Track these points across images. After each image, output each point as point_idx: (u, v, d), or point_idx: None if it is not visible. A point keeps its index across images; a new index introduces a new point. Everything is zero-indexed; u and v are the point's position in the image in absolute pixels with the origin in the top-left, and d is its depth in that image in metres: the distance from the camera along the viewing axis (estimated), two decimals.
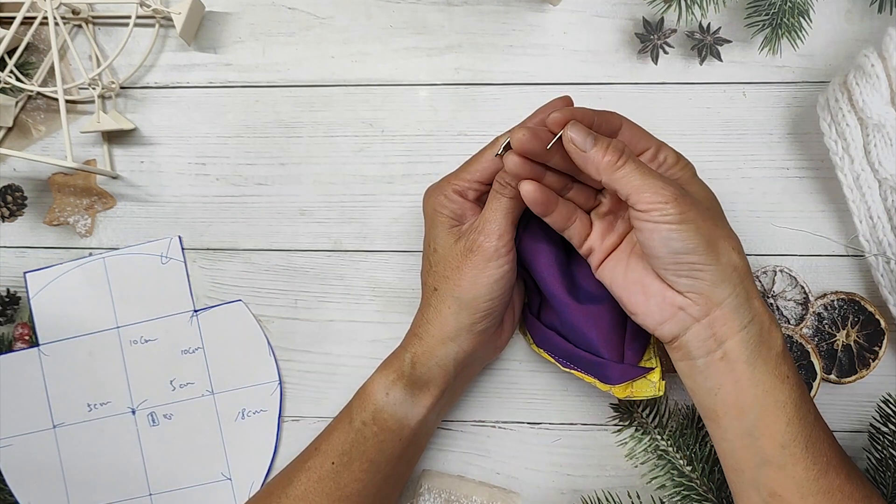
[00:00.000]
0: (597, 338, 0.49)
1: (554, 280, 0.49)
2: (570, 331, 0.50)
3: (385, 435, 0.48)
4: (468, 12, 0.58)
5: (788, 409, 0.43)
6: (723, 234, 0.42)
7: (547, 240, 0.49)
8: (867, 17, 0.56)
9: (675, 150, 0.46)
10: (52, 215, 0.60)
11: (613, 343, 0.49)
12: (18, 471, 0.59)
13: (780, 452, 0.43)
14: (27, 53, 0.60)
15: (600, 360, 0.49)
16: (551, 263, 0.49)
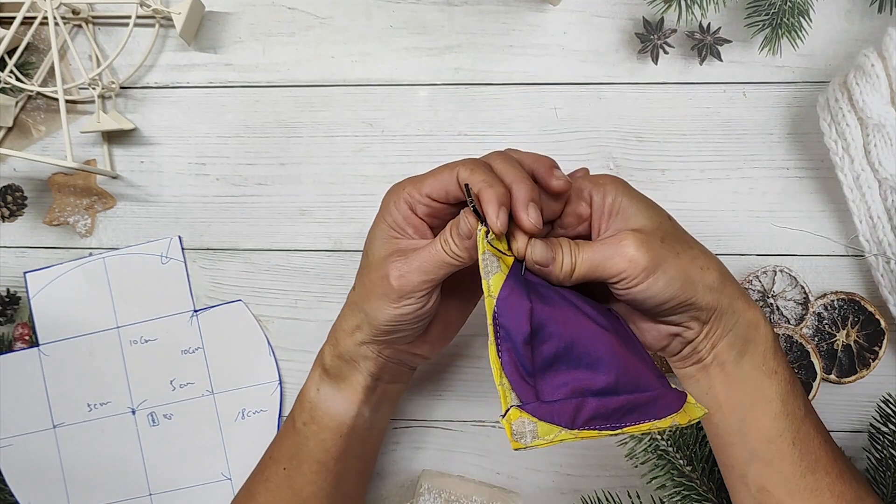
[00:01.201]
0: (639, 367, 0.42)
1: (579, 315, 0.42)
2: (610, 369, 0.41)
3: (325, 433, 0.48)
4: (468, 12, 0.58)
5: (775, 404, 0.43)
6: (687, 261, 0.41)
7: (552, 292, 0.42)
8: (867, 17, 0.56)
9: (595, 179, 0.43)
10: (52, 215, 0.60)
11: (651, 369, 0.42)
12: (18, 471, 0.59)
13: (766, 447, 0.43)
14: (27, 53, 0.60)
15: (654, 393, 0.41)
16: (567, 303, 0.42)
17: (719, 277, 0.42)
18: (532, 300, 0.40)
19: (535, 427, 0.39)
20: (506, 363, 0.40)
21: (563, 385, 0.40)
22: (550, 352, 0.40)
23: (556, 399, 0.40)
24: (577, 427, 0.40)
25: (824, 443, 0.44)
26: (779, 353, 0.44)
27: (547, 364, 0.41)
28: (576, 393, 0.40)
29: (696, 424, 0.53)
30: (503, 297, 0.40)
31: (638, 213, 0.42)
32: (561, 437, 0.39)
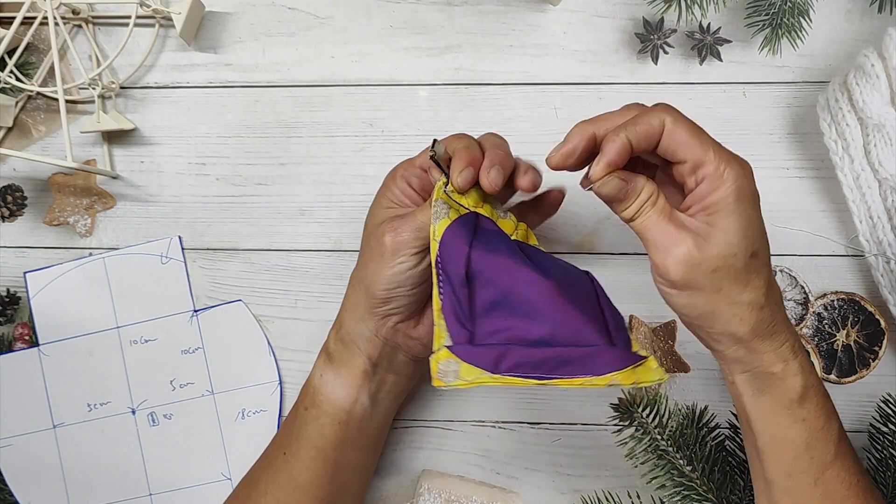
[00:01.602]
0: (583, 322, 0.41)
1: (522, 266, 0.42)
2: (547, 320, 0.41)
3: (324, 418, 0.48)
4: (468, 12, 0.58)
5: (798, 445, 0.42)
6: (725, 301, 0.39)
7: (498, 244, 0.43)
8: (867, 17, 0.56)
9: (721, 163, 0.38)
10: (52, 215, 0.60)
11: (598, 327, 0.42)
12: (18, 471, 0.59)
13: (786, 480, 0.43)
14: (27, 53, 0.60)
15: (593, 348, 0.41)
16: (515, 254, 0.42)
17: (750, 331, 0.40)
18: (473, 246, 0.42)
19: (458, 368, 0.40)
20: (445, 304, 0.42)
21: (498, 332, 0.41)
22: (488, 298, 0.42)
23: (486, 343, 0.41)
24: (500, 372, 0.40)
25: (855, 485, 0.43)
26: (811, 402, 0.42)
27: (485, 310, 0.42)
28: (508, 340, 0.41)
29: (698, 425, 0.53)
30: (444, 241, 0.43)
31: (725, 231, 0.38)
32: (482, 379, 0.40)
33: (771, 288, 0.41)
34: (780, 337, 0.41)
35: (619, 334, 0.43)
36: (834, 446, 0.43)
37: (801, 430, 0.42)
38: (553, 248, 0.58)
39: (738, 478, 0.53)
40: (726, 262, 0.38)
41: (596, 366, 0.40)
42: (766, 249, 0.40)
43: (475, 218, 0.44)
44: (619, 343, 0.42)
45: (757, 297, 0.40)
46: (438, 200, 0.44)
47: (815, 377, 0.43)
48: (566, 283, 0.43)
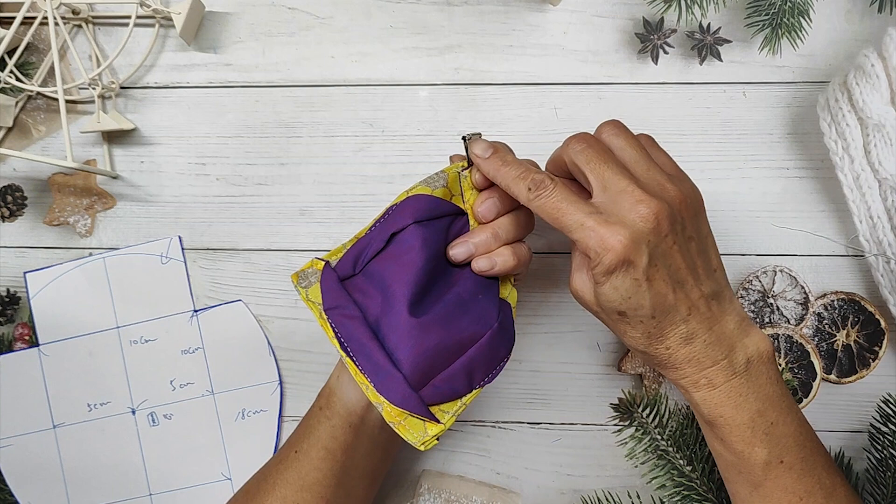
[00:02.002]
0: (410, 349, 0.42)
1: (407, 278, 0.43)
2: (385, 330, 0.43)
3: (336, 420, 0.48)
4: (468, 12, 0.58)
5: (725, 460, 0.45)
6: (619, 334, 0.44)
7: (427, 240, 0.44)
8: (867, 17, 0.56)
9: (585, 242, 0.40)
10: (52, 215, 0.60)
11: (422, 368, 0.43)
12: (18, 471, 0.59)
13: (726, 482, 0.47)
14: (27, 53, 0.60)
15: (393, 370, 0.42)
16: (416, 263, 0.44)
17: (642, 356, 0.44)
18: (413, 229, 0.44)
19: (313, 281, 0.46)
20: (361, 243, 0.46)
21: (357, 288, 0.45)
22: (376, 267, 0.45)
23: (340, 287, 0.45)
24: (328, 316, 0.44)
25: (796, 502, 0.44)
26: (723, 430, 0.43)
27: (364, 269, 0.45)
28: (351, 295, 0.44)
29: (698, 425, 0.53)
30: (411, 200, 0.45)
31: (599, 289, 0.41)
32: (310, 305, 0.45)
33: (653, 339, 0.42)
34: (676, 373, 0.43)
35: (442, 385, 0.43)
36: (761, 471, 0.43)
37: (722, 447, 0.44)
38: (553, 248, 0.58)
39: None
40: (603, 309, 0.42)
41: (380, 381, 0.42)
42: (638, 311, 0.41)
43: (450, 219, 0.46)
44: (429, 390, 0.43)
45: (635, 343, 0.43)
46: (444, 173, 0.45)
47: (729, 410, 0.43)
48: (442, 319, 0.44)
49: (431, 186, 0.45)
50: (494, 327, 0.45)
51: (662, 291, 0.40)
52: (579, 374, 0.58)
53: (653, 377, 0.56)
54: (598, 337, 0.58)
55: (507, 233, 0.46)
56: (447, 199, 0.46)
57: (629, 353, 0.55)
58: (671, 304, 0.41)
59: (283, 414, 0.59)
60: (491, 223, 0.46)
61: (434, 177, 0.46)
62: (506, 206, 0.46)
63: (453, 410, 0.44)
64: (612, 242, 0.39)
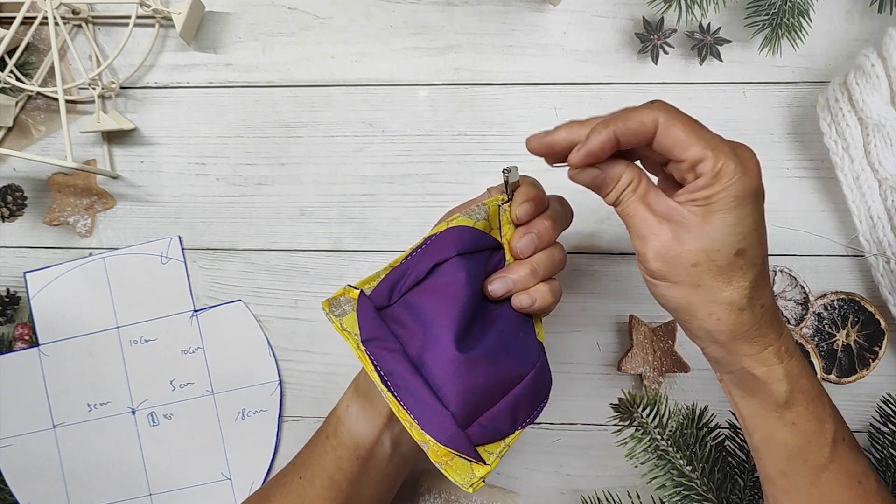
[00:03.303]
0: (457, 386, 0.40)
1: (453, 312, 0.41)
2: (429, 365, 0.41)
3: (342, 451, 0.47)
4: (468, 12, 0.58)
5: (789, 448, 0.42)
6: (701, 298, 0.38)
7: (471, 274, 0.42)
8: (867, 17, 0.56)
9: (720, 160, 0.36)
10: (52, 215, 0.60)
11: (469, 406, 0.40)
12: (18, 471, 0.59)
13: (782, 479, 0.43)
14: (27, 53, 0.60)
15: (440, 407, 0.40)
16: (462, 298, 0.41)
17: (727, 332, 0.39)
18: (456, 262, 0.42)
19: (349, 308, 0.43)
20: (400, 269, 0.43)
21: (397, 321, 0.42)
22: (414, 299, 0.42)
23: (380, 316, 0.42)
24: (365, 348, 0.41)
25: (856, 487, 0.42)
26: (799, 406, 0.41)
27: (405, 300, 0.43)
28: (396, 335, 0.42)
29: (698, 425, 0.53)
30: (451, 232, 0.43)
31: (710, 224, 0.37)
32: (349, 337, 0.42)
33: (757, 290, 0.39)
34: (763, 341, 0.40)
35: (488, 424, 0.41)
36: (829, 450, 0.42)
37: (791, 433, 0.42)
38: None
39: (738, 478, 0.53)
40: (707, 258, 0.37)
41: (424, 418, 0.40)
42: (756, 249, 0.38)
43: (491, 251, 0.44)
44: (475, 429, 0.41)
45: (737, 298, 0.38)
46: (484, 205, 0.43)
47: (805, 380, 0.41)
48: (488, 356, 0.42)
49: (473, 218, 0.43)
50: (537, 366, 0.43)
51: (766, 236, 0.38)
52: (579, 374, 0.58)
53: (653, 377, 0.56)
54: (598, 337, 0.58)
55: (543, 269, 0.44)
56: (487, 231, 0.44)
57: (629, 353, 0.55)
58: (766, 251, 0.39)
59: (283, 414, 0.59)
60: (529, 259, 0.44)
61: (475, 209, 0.43)
62: (543, 243, 0.44)
63: (497, 451, 0.42)
64: (751, 165, 0.36)
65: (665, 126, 0.37)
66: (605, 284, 0.58)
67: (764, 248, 0.39)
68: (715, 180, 0.36)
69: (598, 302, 0.57)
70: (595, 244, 0.58)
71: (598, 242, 0.58)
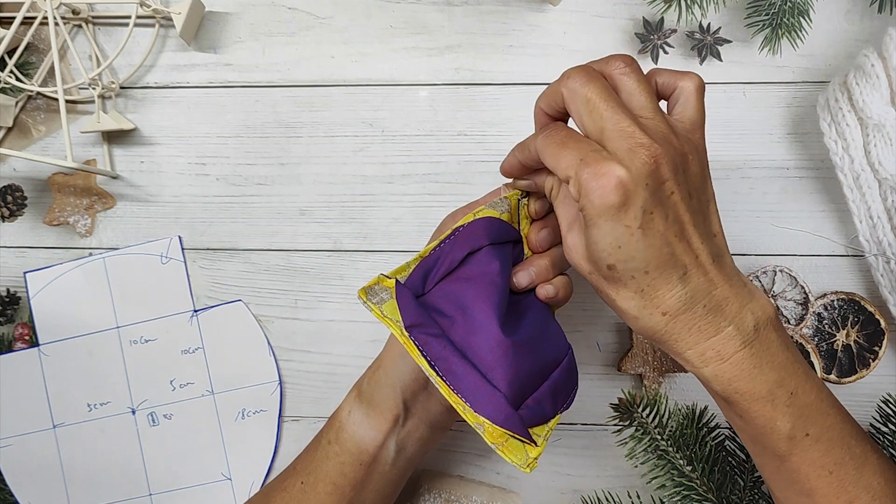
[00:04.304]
0: (507, 368, 0.40)
1: (492, 299, 0.41)
2: (476, 349, 0.41)
3: (345, 457, 0.47)
4: (468, 12, 0.58)
5: (747, 433, 0.42)
6: (610, 303, 0.40)
7: (504, 263, 0.43)
8: (867, 17, 0.56)
9: (583, 178, 0.36)
10: (52, 215, 0.60)
11: (517, 386, 0.41)
12: (18, 471, 0.59)
13: (753, 456, 0.44)
14: (27, 53, 0.60)
15: (492, 389, 0.40)
16: (498, 284, 0.42)
17: (643, 330, 0.39)
18: (487, 250, 0.43)
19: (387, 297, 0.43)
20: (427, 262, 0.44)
21: (439, 311, 0.42)
22: (451, 288, 0.43)
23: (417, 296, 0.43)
24: (409, 334, 0.41)
25: (826, 476, 0.41)
26: (739, 406, 0.40)
27: (441, 286, 0.43)
28: (438, 323, 0.42)
29: (698, 425, 0.53)
30: (479, 222, 0.44)
31: (587, 238, 0.38)
32: (392, 325, 0.41)
33: (648, 299, 0.38)
34: (678, 346, 0.39)
35: (534, 406, 0.42)
36: (785, 445, 0.40)
37: (741, 423, 0.41)
38: None
39: (738, 478, 0.53)
40: (593, 268, 0.39)
41: (478, 401, 0.40)
42: (627, 264, 0.37)
43: (512, 246, 0.45)
44: (524, 411, 0.41)
45: (627, 308, 0.38)
46: (506, 199, 0.44)
47: (741, 383, 0.39)
48: (528, 342, 0.42)
49: (498, 210, 0.44)
50: (570, 353, 0.45)
51: (657, 244, 0.36)
52: (579, 374, 0.58)
53: (653, 377, 0.56)
54: (598, 337, 0.58)
55: (560, 262, 0.46)
56: (511, 224, 0.45)
57: (629, 353, 0.55)
58: (666, 258, 0.37)
59: (283, 414, 0.59)
60: (547, 252, 0.46)
61: (498, 202, 0.44)
62: (559, 237, 0.44)
63: (544, 434, 0.42)
64: (605, 180, 0.35)
65: (540, 149, 0.40)
66: None
67: (642, 262, 0.37)
68: (579, 197, 0.37)
69: (598, 302, 0.57)
70: None
71: None
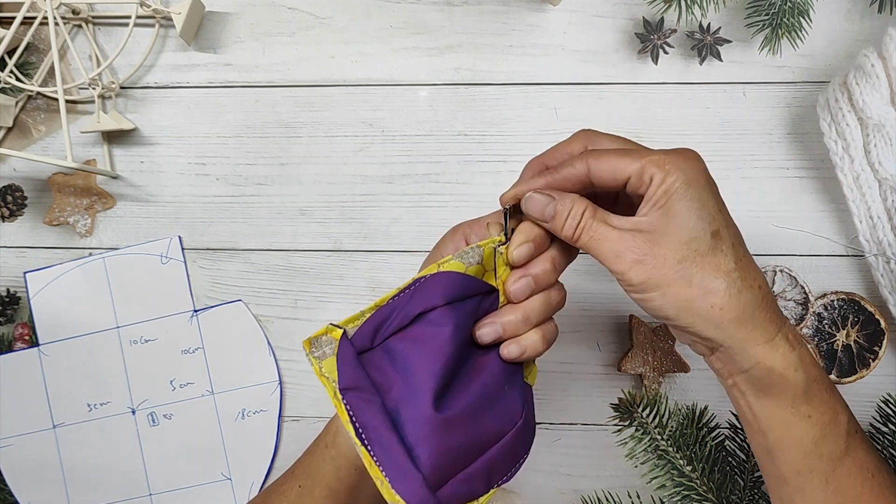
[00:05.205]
0: (432, 448, 0.39)
1: (434, 367, 0.40)
2: (405, 420, 0.39)
3: (341, 461, 0.47)
4: (468, 12, 0.58)
5: (806, 443, 0.41)
6: (698, 292, 0.38)
7: (458, 325, 0.41)
8: (867, 17, 0.56)
9: (661, 158, 0.38)
10: (52, 215, 0.60)
11: (442, 468, 0.39)
12: (18, 471, 0.59)
13: (796, 478, 0.42)
14: (27, 53, 0.60)
15: (413, 469, 0.38)
16: (445, 351, 0.40)
17: (733, 320, 0.38)
18: (444, 310, 0.40)
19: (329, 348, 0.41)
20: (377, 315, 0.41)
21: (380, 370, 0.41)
22: (396, 345, 0.41)
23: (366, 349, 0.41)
24: (342, 396, 0.40)
25: (869, 481, 0.42)
26: (815, 397, 0.40)
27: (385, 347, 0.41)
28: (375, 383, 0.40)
29: (698, 425, 0.53)
30: (439, 277, 0.41)
31: (679, 216, 0.38)
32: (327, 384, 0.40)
33: (746, 271, 0.39)
34: (771, 326, 0.39)
35: (463, 482, 0.40)
36: (844, 441, 0.41)
37: (807, 426, 0.41)
38: None
39: (738, 478, 0.53)
40: (689, 249, 0.38)
41: (396, 478, 0.39)
42: (728, 229, 0.39)
43: (479, 298, 0.42)
44: (450, 488, 0.40)
45: (731, 281, 0.38)
46: (479, 248, 0.41)
47: (817, 370, 0.41)
48: (467, 415, 0.40)
49: (465, 263, 0.41)
50: (519, 424, 0.42)
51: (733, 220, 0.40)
52: (579, 374, 0.58)
53: (653, 377, 0.56)
54: (598, 337, 0.58)
55: (537, 315, 0.42)
56: (479, 276, 0.42)
57: (629, 353, 0.55)
58: (740, 234, 0.40)
59: (283, 414, 0.59)
60: (522, 304, 0.42)
61: (469, 251, 0.41)
62: (541, 286, 0.43)
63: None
64: (691, 154, 0.39)
65: (596, 163, 0.39)
66: (605, 284, 0.58)
67: (736, 229, 0.40)
68: (665, 175, 0.38)
69: (598, 302, 0.57)
70: None
71: None
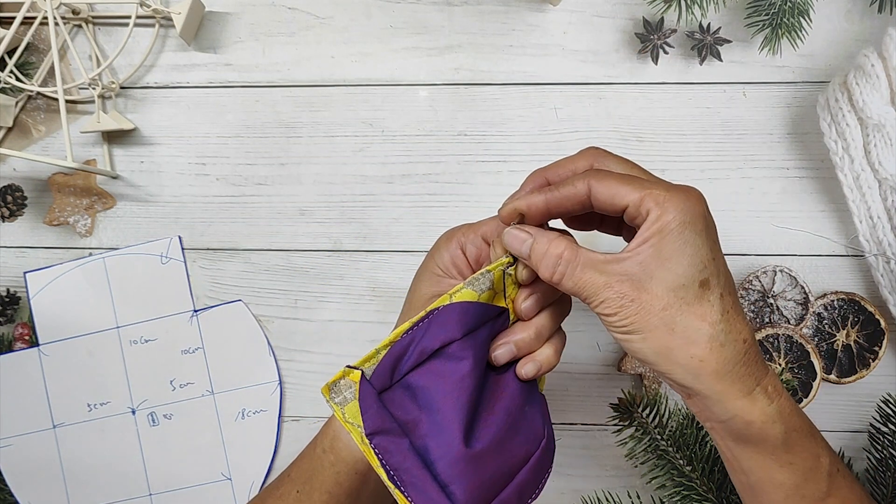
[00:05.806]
0: (467, 484, 0.39)
1: (460, 402, 0.39)
2: (435, 457, 0.39)
3: (340, 466, 0.46)
4: (468, 12, 0.58)
5: (787, 487, 0.41)
6: (680, 341, 0.37)
7: (478, 357, 0.40)
8: (867, 17, 0.56)
9: (661, 193, 0.37)
10: (52, 215, 0.60)
11: (477, 498, 0.39)
12: (18, 471, 0.59)
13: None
14: (27, 53, 0.60)
15: (433, 494, 0.39)
16: (469, 385, 0.40)
17: (712, 373, 0.37)
18: (462, 342, 0.40)
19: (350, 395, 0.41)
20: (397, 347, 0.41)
21: (402, 408, 0.41)
22: (416, 381, 0.40)
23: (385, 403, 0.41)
24: (370, 440, 0.40)
25: None
26: (796, 445, 0.39)
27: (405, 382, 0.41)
28: (401, 423, 0.40)
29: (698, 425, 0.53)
30: (452, 308, 0.40)
31: (670, 259, 0.36)
32: (354, 430, 0.40)
33: (732, 322, 0.38)
34: (751, 379, 0.38)
35: None
36: (826, 483, 0.41)
37: (788, 472, 0.40)
38: None
39: None
40: (675, 296, 0.37)
41: (416, 497, 0.39)
42: (719, 279, 0.37)
43: (492, 323, 0.42)
44: None
45: (715, 333, 0.37)
46: (489, 273, 0.41)
47: (796, 419, 0.40)
48: (495, 445, 0.40)
49: (477, 290, 0.41)
50: (543, 443, 0.42)
51: (727, 268, 0.38)
52: (579, 374, 0.58)
53: (653, 377, 0.56)
54: (598, 337, 0.58)
55: (548, 329, 0.43)
56: (490, 300, 0.42)
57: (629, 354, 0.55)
58: (732, 284, 0.38)
59: (283, 414, 0.59)
60: (532, 320, 0.42)
61: (479, 278, 0.41)
62: (548, 300, 0.43)
63: None
64: (694, 193, 0.37)
65: (598, 185, 0.38)
66: None
67: (728, 279, 0.38)
68: (661, 212, 0.36)
69: None
70: (595, 244, 0.58)
71: (598, 244, 0.58)
